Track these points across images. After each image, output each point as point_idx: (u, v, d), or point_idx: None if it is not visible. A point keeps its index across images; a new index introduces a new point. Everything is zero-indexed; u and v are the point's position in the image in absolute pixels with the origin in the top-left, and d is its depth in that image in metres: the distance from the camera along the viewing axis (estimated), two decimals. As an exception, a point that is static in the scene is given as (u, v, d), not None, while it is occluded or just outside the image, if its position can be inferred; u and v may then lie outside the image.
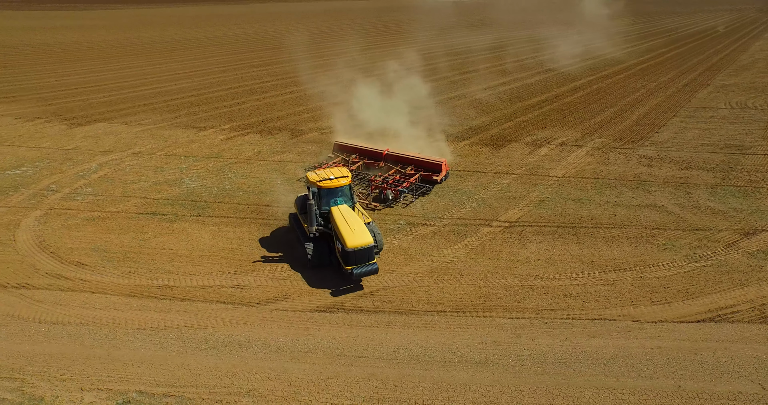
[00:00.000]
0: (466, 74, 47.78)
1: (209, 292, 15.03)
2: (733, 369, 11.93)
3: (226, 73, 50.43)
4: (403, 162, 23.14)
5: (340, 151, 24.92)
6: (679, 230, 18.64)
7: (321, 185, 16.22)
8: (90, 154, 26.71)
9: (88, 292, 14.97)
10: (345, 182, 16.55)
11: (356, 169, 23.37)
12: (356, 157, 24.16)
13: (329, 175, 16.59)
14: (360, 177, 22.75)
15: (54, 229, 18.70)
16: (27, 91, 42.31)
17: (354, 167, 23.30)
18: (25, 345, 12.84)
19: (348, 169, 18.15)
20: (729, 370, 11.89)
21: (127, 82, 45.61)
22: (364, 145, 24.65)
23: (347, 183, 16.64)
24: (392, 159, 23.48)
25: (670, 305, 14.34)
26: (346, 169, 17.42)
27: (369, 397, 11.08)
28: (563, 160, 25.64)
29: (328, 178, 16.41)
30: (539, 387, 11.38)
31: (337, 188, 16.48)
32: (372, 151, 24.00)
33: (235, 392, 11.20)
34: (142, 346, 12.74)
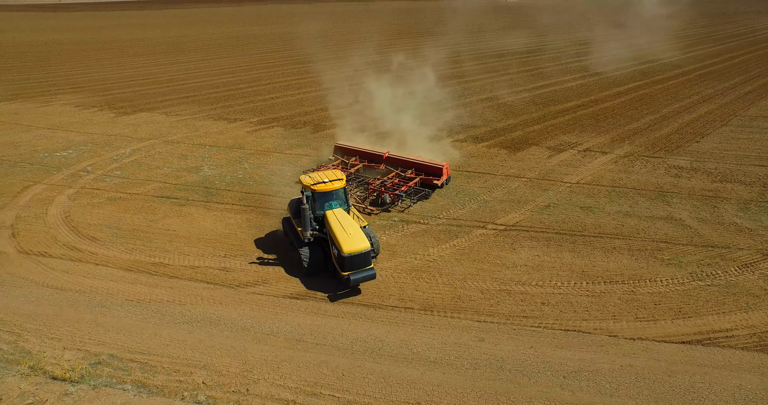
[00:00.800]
0: (501, 77, 46.66)
1: (197, 271, 15.97)
2: (708, 396, 11.09)
3: (269, 69, 52.49)
4: (404, 165, 22.58)
5: (341, 154, 24.49)
6: (691, 246, 17.37)
7: (315, 189, 15.71)
8: (127, 141, 28.98)
9: (93, 263, 16.40)
10: (339, 185, 16.08)
11: (355, 172, 23.01)
12: (356, 159, 23.76)
13: (323, 178, 16.11)
14: (359, 180, 22.44)
15: (80, 206, 20.57)
16: (90, 83, 46.37)
17: (353, 170, 22.95)
18: (30, 305, 14.32)
19: (342, 172, 17.85)
20: (703, 397, 11.07)
21: (175, 76, 48.75)
22: (365, 148, 24.21)
23: (342, 186, 16.19)
24: (393, 162, 22.92)
25: (656, 323, 13.47)
26: (340, 171, 16.99)
27: (314, 382, 11.39)
28: (582, 167, 24.55)
29: (323, 181, 15.92)
30: (487, 392, 11.17)
31: (331, 191, 16.01)
32: (372, 154, 23.52)
33: (193, 364, 11.91)
34: (125, 315, 13.82)
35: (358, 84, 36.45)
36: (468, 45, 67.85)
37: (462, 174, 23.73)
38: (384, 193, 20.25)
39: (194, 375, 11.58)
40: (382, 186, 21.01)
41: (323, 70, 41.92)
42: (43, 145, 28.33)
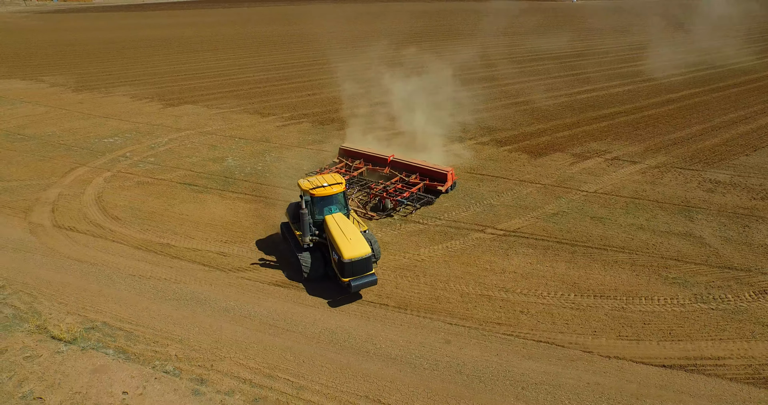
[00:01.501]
0: (540, 81, 45.02)
1: (197, 254, 17.08)
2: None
3: (313, 66, 53.99)
4: (408, 169, 22.14)
5: (346, 156, 24.30)
6: (704, 265, 16.19)
7: (314, 193, 15.42)
8: (167, 130, 31.17)
9: (110, 240, 18.00)
10: (339, 189, 15.78)
11: (359, 175, 22.71)
12: (361, 162, 23.52)
13: (322, 182, 15.81)
14: (362, 183, 22.15)
15: (112, 188, 22.53)
16: (146, 76, 50.07)
17: (356, 173, 22.67)
18: (51, 273, 16.01)
19: (341, 176, 17.51)
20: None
21: (224, 71, 51.40)
22: (370, 151, 23.87)
23: (341, 190, 15.89)
24: (397, 166, 22.56)
25: (639, 343, 12.79)
26: (339, 175, 16.72)
27: (275, 365, 11.94)
28: (605, 176, 23.40)
29: (322, 185, 15.62)
30: (438, 393, 11.19)
31: (330, 196, 15.71)
32: (377, 157, 23.21)
33: (171, 338, 12.86)
34: (125, 288, 15.11)
35: (389, 84, 36.83)
36: (507, 48, 66.02)
37: (474, 177, 23.42)
38: (385, 198, 19.93)
39: (169, 347, 12.51)
40: (384, 191, 20.62)
41: (359, 69, 42.58)
42: (95, 131, 31.15)
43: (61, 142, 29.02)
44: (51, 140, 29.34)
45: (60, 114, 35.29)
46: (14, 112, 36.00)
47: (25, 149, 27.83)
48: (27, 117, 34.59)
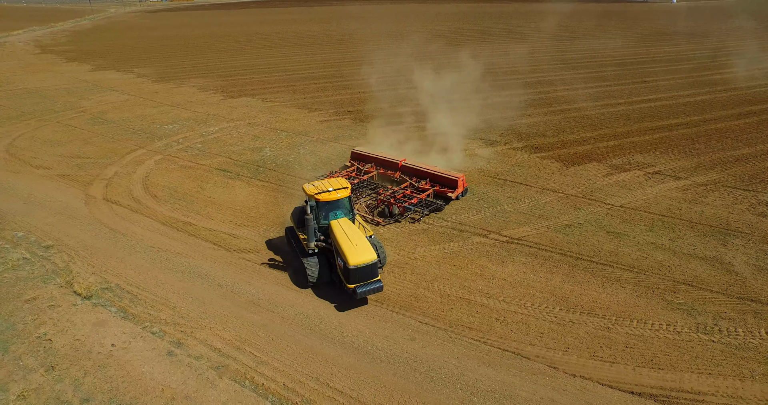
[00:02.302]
0: (601, 87, 42.35)
1: (211, 233, 18.64)
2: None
3: (371, 65, 55.18)
4: (419, 175, 21.80)
5: (357, 160, 24.15)
6: (721, 294, 14.77)
7: (319, 198, 15.17)
8: (220, 120, 33.80)
9: (143, 215, 20.18)
10: (344, 194, 15.49)
11: (368, 180, 22.46)
12: (372, 166, 23.29)
13: (327, 187, 15.54)
14: (372, 187, 21.89)
15: (159, 170, 25.08)
16: (218, 69, 54.22)
17: (366, 177, 22.41)
18: (90, 238, 18.37)
19: (347, 180, 17.35)
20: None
21: (288, 67, 54.16)
22: (381, 155, 23.51)
23: (347, 195, 15.60)
24: (408, 171, 22.20)
25: (612, 366, 12.11)
26: (345, 180, 16.35)
27: (245, 340, 12.93)
28: (638, 190, 21.84)
29: (327, 190, 15.36)
30: (385, 386, 11.50)
31: (336, 201, 15.48)
32: (388, 161, 22.90)
33: (166, 304, 14.36)
34: (143, 258, 16.98)
35: (436, 86, 36.88)
36: (571, 52, 62.53)
37: (496, 181, 22.96)
38: (393, 204, 19.59)
39: (162, 312, 13.99)
40: (392, 197, 20.22)
41: (409, 70, 42.92)
42: (160, 118, 34.61)
43: (130, 126, 32.65)
44: (123, 125, 33.09)
45: (137, 102, 39.57)
46: (102, 99, 40.95)
47: (101, 132, 31.68)
48: (111, 103, 39.21)
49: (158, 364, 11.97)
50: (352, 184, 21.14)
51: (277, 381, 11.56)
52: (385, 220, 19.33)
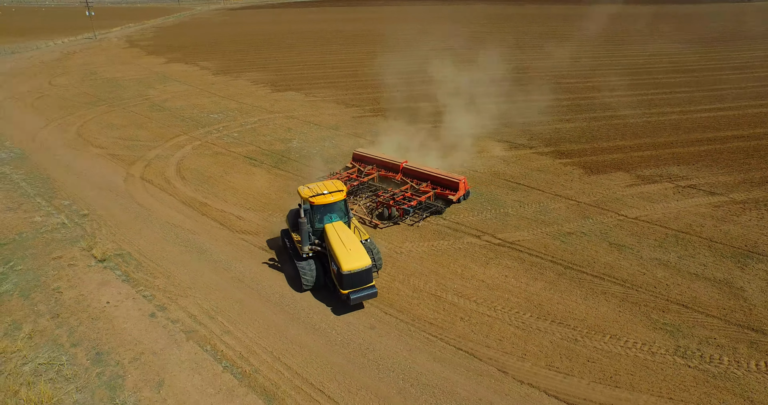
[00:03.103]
0: (659, 95, 39.45)
1: (221, 214, 20.11)
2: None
3: (418, 64, 55.32)
4: (420, 177, 21.57)
5: (359, 162, 23.92)
6: (717, 319, 13.68)
7: (313, 201, 14.80)
8: (261, 112, 35.83)
9: (168, 193, 22.16)
10: (339, 197, 15.10)
11: (369, 182, 22.25)
12: (373, 168, 23.11)
13: (322, 189, 15.23)
14: (372, 189, 21.74)
15: (193, 154, 27.26)
16: (274, 64, 57.05)
17: (367, 179, 22.22)
18: (118, 210, 20.54)
19: (343, 183, 16.98)
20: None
21: (339, 64, 55.71)
22: (382, 157, 23.27)
23: (342, 198, 15.21)
24: (409, 173, 21.98)
25: (566, 378, 11.75)
26: (340, 182, 16.00)
27: (220, 310, 14.05)
28: (660, 203, 20.43)
29: (322, 193, 15.02)
30: (332, 367, 12.06)
31: (331, 204, 15.08)
32: (389, 163, 22.66)
33: (164, 273, 15.88)
34: (157, 231, 18.76)
35: (477, 88, 36.47)
36: (618, 57, 58.27)
37: (508, 185, 22.48)
38: (391, 206, 19.33)
39: (158, 279, 15.49)
40: (391, 199, 20.01)
41: (453, 71, 42.64)
42: (209, 107, 37.36)
43: (182, 114, 35.60)
44: (176, 112, 36.15)
45: (193, 92, 42.92)
46: (166, 88, 44.85)
47: (156, 118, 34.85)
48: (171, 93, 42.86)
49: (139, 323, 13.38)
50: (352, 186, 21.41)
51: (235, 349, 12.50)
52: (384, 222, 19.12)
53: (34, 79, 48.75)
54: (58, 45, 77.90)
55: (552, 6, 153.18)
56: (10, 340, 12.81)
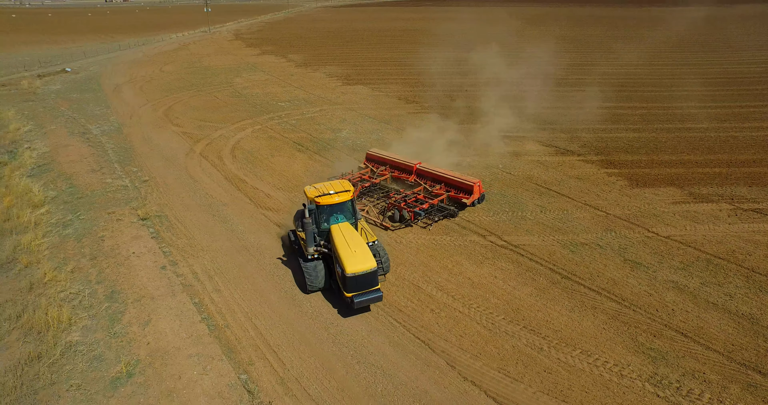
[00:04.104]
0: (754, 108, 34.27)
1: (253, 191, 22.03)
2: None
3: (499, 67, 53.86)
4: (434, 179, 21.02)
5: (372, 162, 23.46)
6: (717, 353, 12.29)
7: (319, 201, 14.48)
8: (325, 103, 37.82)
9: (217, 169, 24.69)
10: (346, 198, 14.76)
11: (381, 182, 21.97)
12: (386, 169, 22.71)
13: (329, 189, 14.89)
14: (384, 191, 21.46)
15: (251, 137, 29.86)
16: (353, 59, 59.30)
17: (378, 180, 21.89)
18: (171, 179, 23.40)
19: (350, 183, 16.47)
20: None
21: (417, 62, 56.08)
22: (396, 158, 22.72)
23: (349, 198, 14.85)
24: (423, 174, 21.45)
25: (513, 383, 11.47)
26: (348, 182, 15.57)
27: (219, 271, 15.70)
28: (706, 224, 18.25)
29: (328, 193, 14.69)
30: (293, 333, 13.06)
31: (337, 204, 14.75)
32: (403, 164, 22.20)
33: (187, 235, 18.02)
34: (195, 200, 21.16)
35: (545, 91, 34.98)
36: (707, 66, 50.41)
37: (537, 189, 21.55)
38: (403, 208, 18.79)
39: (180, 240, 17.66)
40: (403, 201, 19.52)
41: (528, 73, 41.16)
42: (280, 96, 40.32)
43: (254, 101, 38.93)
44: (250, 99, 39.61)
45: (272, 81, 46.51)
46: (250, 77, 49.13)
47: (234, 103, 38.54)
48: (253, 81, 46.88)
49: (150, 272, 15.50)
50: (364, 187, 21.30)
51: (217, 305, 13.99)
52: (394, 224, 18.62)
53: (150, 66, 56.29)
54: (178, 38, 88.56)
55: (641, 9, 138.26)
56: (58, 272, 15.63)
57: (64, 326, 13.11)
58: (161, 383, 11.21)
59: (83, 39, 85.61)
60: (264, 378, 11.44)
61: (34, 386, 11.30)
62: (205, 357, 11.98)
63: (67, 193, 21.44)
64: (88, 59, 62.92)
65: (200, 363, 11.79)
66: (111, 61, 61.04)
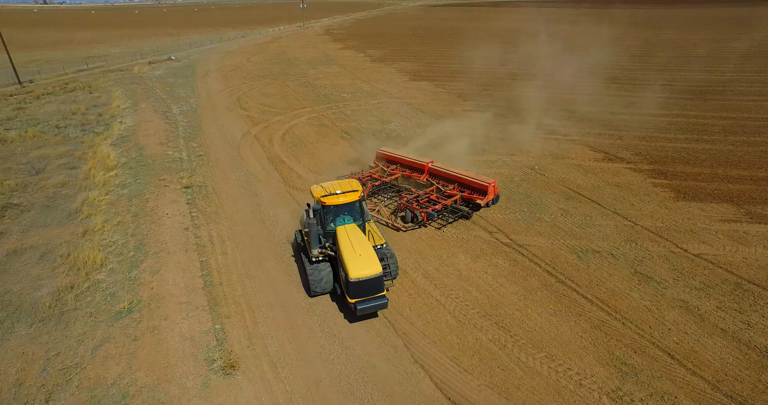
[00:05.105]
0: None
1: (288, 171, 23.61)
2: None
3: (580, 70, 50.71)
4: (447, 179, 20.32)
5: (383, 161, 22.89)
6: (703, 380, 11.17)
7: (324, 201, 13.88)
8: (385, 96, 38.72)
9: (264, 150, 26.71)
10: (353, 198, 14.08)
11: (392, 182, 21.46)
12: (397, 168, 22.14)
13: (336, 189, 14.28)
14: (396, 190, 20.92)
15: (304, 124, 31.71)
16: (428, 56, 59.40)
17: (389, 179, 21.33)
18: (223, 155, 25.84)
19: (359, 183, 15.65)
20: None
21: (495, 61, 54.89)
22: (407, 157, 22.06)
23: (356, 199, 14.18)
24: (435, 174, 20.80)
25: (462, 374, 11.52)
26: (356, 182, 14.89)
27: (231, 237, 17.33)
28: (753, 247, 16.11)
29: (334, 192, 14.09)
30: (275, 299, 14.11)
31: (343, 205, 14.14)
32: (415, 164, 21.52)
33: (218, 204, 20.03)
34: (235, 174, 23.24)
35: (627, 98, 32.42)
36: None
37: (567, 192, 20.43)
38: (414, 209, 18.32)
39: (209, 207, 19.66)
40: (415, 201, 18.98)
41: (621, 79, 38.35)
42: (345, 88, 42.02)
43: (321, 91, 41.04)
44: (317, 89, 41.82)
45: (343, 74, 48.51)
46: (324, 69, 51.69)
47: (301, 92, 41.02)
48: (326, 73, 49.30)
49: (174, 232, 17.56)
50: (374, 186, 20.80)
51: (219, 265, 15.54)
52: (406, 225, 18.17)
53: (239, 56, 61.62)
54: (273, 32, 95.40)
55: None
56: (106, 223, 18.35)
57: (97, 267, 15.49)
58: (150, 321, 12.90)
59: (192, 32, 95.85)
60: (234, 331, 12.64)
61: (61, 308, 13.63)
62: (192, 306, 13.51)
63: (135, 161, 24.79)
64: (192, 49, 70.54)
65: (186, 310, 13.33)
66: (209, 51, 67.81)
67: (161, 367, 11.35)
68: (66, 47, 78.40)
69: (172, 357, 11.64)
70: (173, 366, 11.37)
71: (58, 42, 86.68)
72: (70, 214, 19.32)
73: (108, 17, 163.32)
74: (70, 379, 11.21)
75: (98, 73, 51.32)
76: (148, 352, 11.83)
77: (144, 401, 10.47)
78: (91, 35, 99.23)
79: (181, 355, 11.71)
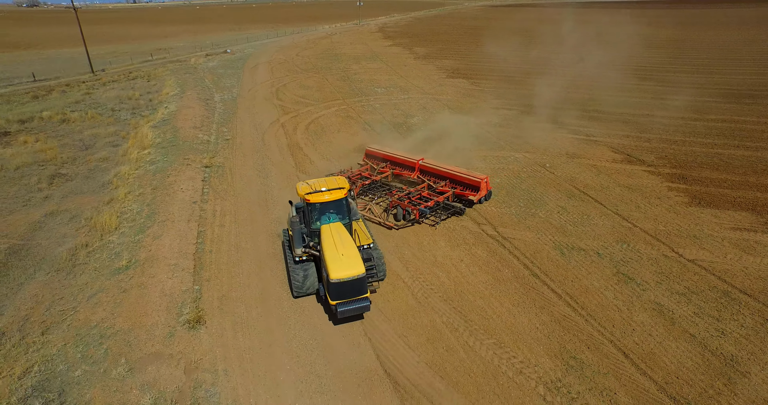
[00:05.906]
0: None
1: (303, 157, 24.75)
2: None
3: (629, 71, 48.08)
4: (438, 175, 20.07)
5: (372, 159, 22.61)
6: (651, 381, 10.83)
7: (309, 199, 13.40)
8: (417, 92, 39.03)
9: (286, 137, 28.07)
10: (338, 196, 13.60)
11: (381, 180, 21.08)
12: (387, 166, 21.83)
13: (321, 186, 13.82)
14: (386, 188, 20.60)
15: (331, 114, 32.82)
16: (472, 55, 58.66)
17: (379, 177, 20.96)
18: (247, 143, 27.51)
19: (346, 180, 14.86)
20: None
21: (525, 61, 53.37)
22: (397, 154, 21.73)
23: (342, 196, 13.70)
24: (426, 171, 20.53)
25: (405, 350, 11.86)
26: (344, 179, 14.50)
27: (232, 212, 18.63)
28: (755, 256, 15.01)
29: (319, 190, 13.62)
30: (255, 267, 15.05)
31: (328, 203, 13.69)
32: (405, 161, 21.23)
33: (230, 183, 21.49)
34: (253, 158, 24.69)
35: (655, 99, 30.66)
36: None
37: (571, 191, 19.87)
38: (406, 206, 18.05)
39: (221, 185, 21.18)
40: (407, 199, 18.73)
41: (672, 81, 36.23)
42: (381, 83, 42.78)
43: (357, 85, 42.09)
44: (354, 83, 42.91)
45: (383, 70, 49.29)
46: (367, 65, 52.75)
47: (335, 85, 42.27)
48: (367, 68, 50.32)
49: (183, 204, 19.16)
50: (364, 185, 20.43)
51: (214, 235, 16.84)
52: (398, 223, 17.90)
53: (290, 51, 64.28)
54: (329, 28, 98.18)
55: None
56: (129, 194, 20.36)
57: (111, 230, 17.35)
58: (140, 277, 14.37)
59: (252, 27, 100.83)
60: (209, 292, 13.78)
61: (74, 262, 15.49)
62: (179, 267, 14.84)
63: (168, 141, 27.04)
64: (249, 43, 74.47)
65: (173, 270, 14.67)
66: (263, 46, 71.27)
67: (138, 315, 12.69)
68: (141, 41, 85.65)
69: (150, 309, 12.97)
70: (148, 315, 12.68)
71: (137, 36, 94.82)
72: (103, 185, 21.60)
73: (178, 14, 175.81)
74: (65, 319, 12.84)
75: (159, 64, 55.83)
76: (131, 302, 13.25)
77: (116, 342, 11.83)
78: (167, 30, 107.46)
79: (158, 308, 13.01)
